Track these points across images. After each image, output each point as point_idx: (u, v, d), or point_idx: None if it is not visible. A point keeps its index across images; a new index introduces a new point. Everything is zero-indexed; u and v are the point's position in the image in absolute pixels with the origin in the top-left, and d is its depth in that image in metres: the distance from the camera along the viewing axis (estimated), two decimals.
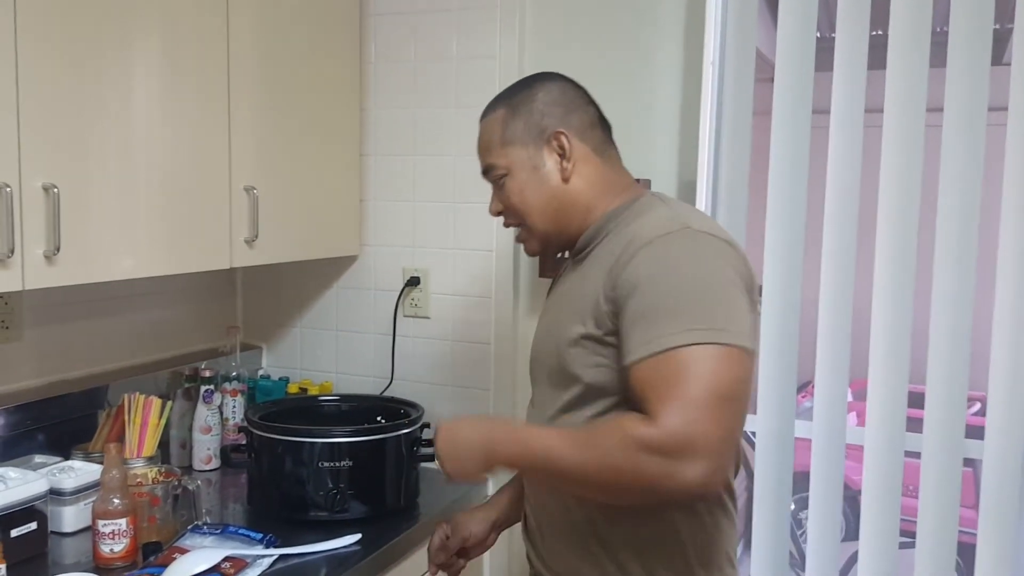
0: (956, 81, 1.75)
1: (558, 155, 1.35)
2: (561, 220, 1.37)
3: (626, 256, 1.22)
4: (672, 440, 1.10)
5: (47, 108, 1.42)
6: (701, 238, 1.23)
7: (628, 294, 1.20)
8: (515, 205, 1.38)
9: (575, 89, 1.40)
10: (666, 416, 1.10)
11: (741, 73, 1.91)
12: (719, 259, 1.22)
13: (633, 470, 1.12)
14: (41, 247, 1.41)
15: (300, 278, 2.34)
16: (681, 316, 1.15)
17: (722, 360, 1.13)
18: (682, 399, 1.11)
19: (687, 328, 1.14)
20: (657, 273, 1.19)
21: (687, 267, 1.20)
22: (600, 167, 1.37)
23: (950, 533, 1.84)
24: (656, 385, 1.14)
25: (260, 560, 1.53)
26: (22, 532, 1.50)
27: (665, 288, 1.18)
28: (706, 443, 1.10)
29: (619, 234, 1.31)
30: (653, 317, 1.17)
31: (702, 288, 1.18)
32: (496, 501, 1.64)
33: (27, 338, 1.86)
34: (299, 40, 1.97)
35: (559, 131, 1.34)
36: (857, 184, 1.86)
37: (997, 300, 1.77)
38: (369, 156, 2.22)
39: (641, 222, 1.28)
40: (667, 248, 1.21)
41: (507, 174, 1.37)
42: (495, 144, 1.38)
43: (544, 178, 1.36)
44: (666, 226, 1.24)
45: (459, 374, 2.18)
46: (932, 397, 1.82)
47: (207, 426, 2.02)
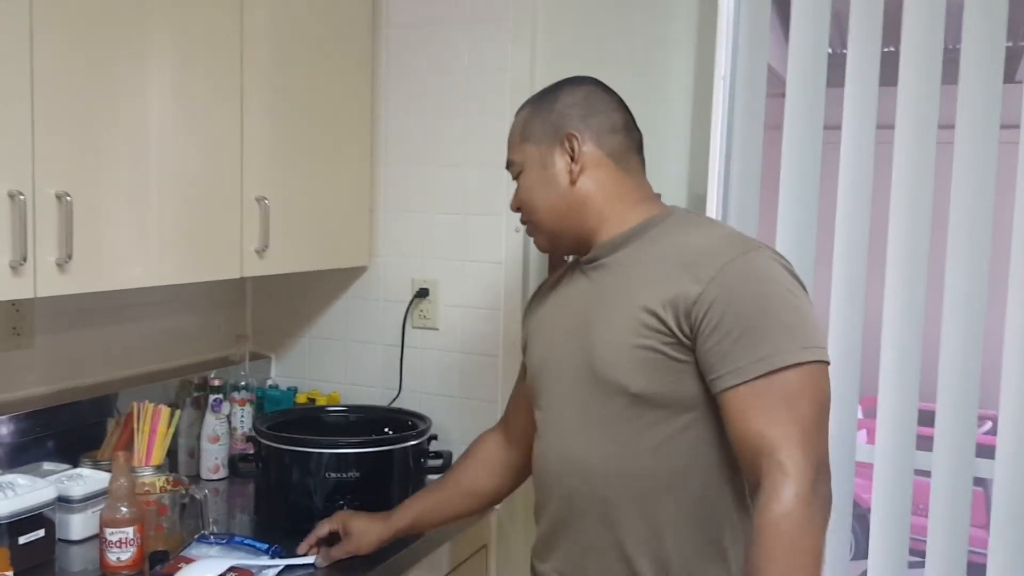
0: (968, 98, 1.74)
1: (569, 156, 1.36)
2: (567, 221, 1.38)
3: (705, 271, 1.22)
4: (811, 476, 1.13)
5: (61, 117, 1.43)
6: (776, 258, 1.25)
7: (722, 311, 1.19)
8: (525, 201, 1.41)
9: (604, 94, 1.40)
10: (795, 458, 1.13)
11: (752, 88, 1.91)
12: (795, 278, 1.25)
13: (817, 528, 1.14)
14: (53, 255, 1.42)
15: (310, 288, 2.34)
16: (793, 333, 1.18)
17: (824, 377, 1.20)
18: (800, 424, 1.15)
19: (802, 346, 1.17)
20: (754, 291, 1.20)
21: (779, 285, 1.21)
22: (615, 173, 1.37)
23: (960, 552, 1.82)
24: (771, 409, 1.15)
25: (265, 571, 1.53)
26: (30, 539, 1.50)
27: (767, 305, 1.19)
28: (823, 455, 1.17)
29: (656, 246, 1.31)
30: (762, 334, 1.17)
31: (797, 305, 1.21)
32: (399, 517, 1.61)
33: (38, 345, 1.87)
34: (312, 51, 1.98)
35: (571, 133, 1.35)
36: (868, 200, 1.85)
37: (1008, 318, 1.76)
38: (380, 167, 2.23)
39: (699, 237, 1.29)
40: (755, 266, 1.22)
41: (522, 170, 1.41)
42: (515, 140, 1.42)
43: (552, 177, 1.37)
44: (744, 244, 1.26)
45: (467, 386, 2.17)
46: (942, 415, 1.81)
47: (215, 435, 2.02)
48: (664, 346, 1.24)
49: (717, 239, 1.28)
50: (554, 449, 1.39)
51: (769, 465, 1.15)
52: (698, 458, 1.27)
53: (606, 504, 1.31)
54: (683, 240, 1.29)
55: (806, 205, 1.89)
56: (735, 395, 1.18)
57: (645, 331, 1.25)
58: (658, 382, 1.25)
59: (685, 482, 1.27)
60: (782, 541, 1.12)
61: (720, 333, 1.19)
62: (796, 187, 1.89)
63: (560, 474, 1.37)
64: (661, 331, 1.24)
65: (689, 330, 1.22)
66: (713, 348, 1.20)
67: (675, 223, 1.34)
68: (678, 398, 1.25)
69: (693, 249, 1.26)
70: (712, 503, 1.28)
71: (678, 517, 1.27)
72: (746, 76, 1.91)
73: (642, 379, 1.25)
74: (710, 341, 1.20)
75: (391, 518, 1.62)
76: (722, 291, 1.20)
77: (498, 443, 1.64)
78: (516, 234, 2.08)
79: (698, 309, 1.20)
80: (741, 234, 1.32)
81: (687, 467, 1.27)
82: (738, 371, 1.17)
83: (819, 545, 1.13)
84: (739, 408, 1.18)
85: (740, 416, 1.18)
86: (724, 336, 1.18)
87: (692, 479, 1.27)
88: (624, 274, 1.32)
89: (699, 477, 1.27)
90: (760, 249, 1.25)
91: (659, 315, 1.23)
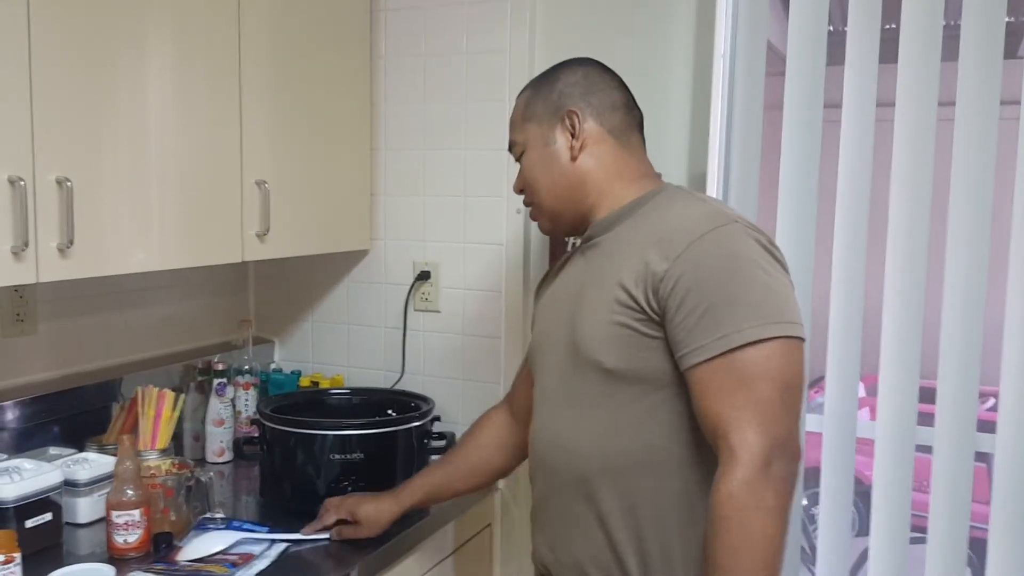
0: (968, 75, 1.74)
1: (569, 133, 1.37)
2: (569, 198, 1.39)
3: (673, 248, 1.22)
4: (761, 458, 1.13)
5: (60, 103, 1.43)
6: (751, 233, 1.24)
7: (687, 288, 1.19)
8: (528, 181, 1.43)
9: (603, 74, 1.42)
10: (745, 440, 1.13)
11: (752, 67, 1.90)
12: (770, 252, 1.24)
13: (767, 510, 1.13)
14: (55, 240, 1.42)
15: (311, 272, 2.35)
16: (758, 310, 1.17)
17: (792, 353, 1.18)
18: (755, 404, 1.14)
19: (767, 322, 1.16)
20: (720, 267, 1.19)
21: (748, 261, 1.20)
22: (616, 150, 1.38)
23: (961, 528, 1.83)
24: (728, 389, 1.15)
25: (267, 552, 1.54)
26: (37, 523, 1.51)
27: (731, 281, 1.18)
28: (783, 434, 1.15)
29: (644, 222, 1.31)
30: (724, 311, 1.17)
31: (766, 281, 1.20)
32: (408, 495, 1.63)
33: (41, 331, 1.88)
34: (310, 35, 1.98)
35: (572, 110, 1.36)
36: (868, 178, 1.85)
37: (1009, 294, 1.76)
38: (380, 151, 2.23)
39: (676, 213, 1.29)
40: (722, 242, 1.21)
41: (524, 150, 1.42)
42: (517, 121, 1.44)
43: (554, 155, 1.38)
44: (714, 220, 1.24)
45: (469, 367, 2.18)
46: (943, 391, 1.81)
47: (220, 419, 2.03)
48: (635, 322, 1.25)
49: (692, 215, 1.27)
50: (543, 425, 1.42)
51: (722, 448, 1.16)
52: (674, 434, 1.27)
53: (585, 480, 1.32)
54: (663, 216, 1.30)
55: (806, 183, 1.89)
56: (697, 373, 1.19)
57: (618, 307, 1.26)
58: (631, 358, 1.26)
59: (662, 458, 1.28)
60: (726, 524, 1.13)
61: (685, 310, 1.19)
62: (796, 165, 1.89)
63: (546, 449, 1.40)
64: (632, 307, 1.25)
65: (657, 306, 1.23)
66: (679, 325, 1.20)
67: (664, 199, 1.34)
68: (651, 375, 1.25)
69: (667, 225, 1.27)
70: (688, 478, 1.27)
71: (656, 492, 1.28)
72: (746, 54, 1.90)
73: (615, 355, 1.27)
74: (676, 318, 1.20)
75: (400, 496, 1.64)
76: (688, 267, 1.20)
77: (503, 420, 1.65)
78: (517, 215, 2.08)
79: (664, 285, 1.21)
80: (720, 210, 1.30)
81: (663, 444, 1.27)
82: (700, 349, 1.18)
83: (769, 527, 1.13)
84: (700, 387, 1.18)
85: (701, 395, 1.19)
86: (688, 314, 1.19)
87: (668, 455, 1.27)
88: (611, 253, 1.33)
89: (675, 453, 1.27)
90: (732, 223, 1.24)
91: (630, 291, 1.25)
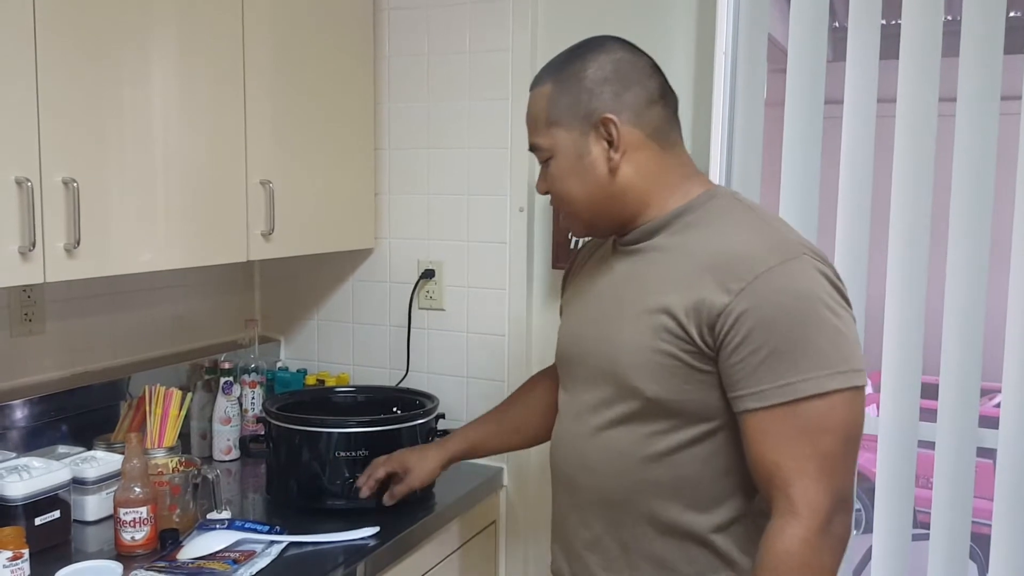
0: (969, 71, 1.74)
1: (605, 142, 1.23)
2: (608, 209, 1.27)
3: (735, 279, 1.13)
4: (823, 515, 1.10)
5: (66, 104, 1.44)
6: (819, 267, 1.15)
7: (750, 327, 1.11)
8: (558, 191, 1.29)
9: (634, 59, 1.26)
10: (807, 496, 1.09)
11: (754, 63, 1.91)
12: (837, 289, 1.16)
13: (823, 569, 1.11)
14: (62, 240, 1.44)
15: (316, 271, 2.36)
16: (825, 357, 1.09)
17: (856, 403, 1.12)
18: (819, 458, 1.10)
19: (834, 371, 1.09)
20: (788, 307, 1.10)
21: (817, 301, 1.11)
22: (657, 154, 1.25)
23: (964, 524, 1.84)
24: (789, 439, 1.10)
25: (268, 550, 1.55)
26: (46, 520, 1.53)
27: (799, 324, 1.10)
28: (844, 489, 1.12)
29: (693, 234, 1.21)
30: (789, 356, 1.09)
31: (835, 324, 1.11)
32: (455, 443, 1.65)
33: (50, 331, 1.90)
34: (314, 34, 1.99)
35: (607, 117, 1.22)
36: (870, 174, 1.85)
37: (1011, 289, 1.76)
38: (383, 150, 2.24)
39: (736, 236, 1.18)
40: (792, 278, 1.12)
41: (552, 156, 1.27)
42: (540, 123, 1.28)
43: (589, 167, 1.25)
44: (782, 251, 1.14)
45: (474, 365, 2.19)
46: (946, 387, 1.82)
47: (227, 417, 2.04)
48: (684, 353, 1.17)
49: (756, 241, 1.16)
50: (568, 440, 1.35)
51: (779, 499, 1.11)
52: (709, 468, 1.21)
53: (610, 504, 1.27)
54: (719, 237, 1.19)
55: (808, 180, 1.89)
56: (755, 419, 1.12)
57: (665, 335, 1.17)
58: (674, 389, 1.18)
59: (693, 490, 1.22)
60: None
61: (746, 350, 1.11)
62: (798, 161, 1.90)
63: (570, 466, 1.34)
64: (682, 338, 1.16)
65: (712, 341, 1.14)
66: (737, 365, 1.12)
67: (715, 210, 1.23)
68: (694, 408, 1.19)
69: (727, 251, 1.16)
70: (717, 513, 1.22)
71: (683, 524, 1.23)
72: (747, 50, 1.91)
73: (657, 385, 1.19)
74: (734, 357, 1.12)
75: (446, 443, 1.65)
76: (752, 304, 1.11)
77: (548, 386, 1.61)
78: (520, 214, 2.09)
79: (724, 321, 1.12)
80: (786, 236, 1.19)
81: (696, 477, 1.21)
82: (760, 394, 1.11)
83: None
84: (757, 434, 1.12)
85: (757, 442, 1.13)
86: (750, 354, 1.11)
87: (699, 489, 1.22)
88: (654, 266, 1.24)
89: (706, 487, 1.21)
90: (801, 257, 1.14)
91: (680, 321, 1.16)
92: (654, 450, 1.23)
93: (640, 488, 1.25)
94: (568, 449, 1.35)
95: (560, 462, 1.37)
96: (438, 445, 1.66)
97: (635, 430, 1.23)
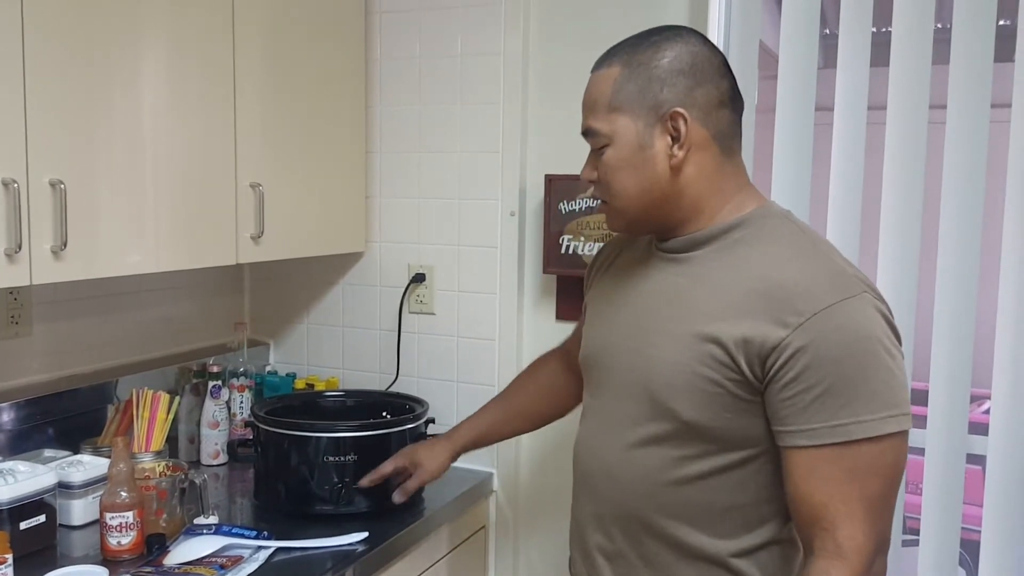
0: (959, 78, 1.75)
1: (670, 137, 1.16)
2: (658, 210, 1.21)
3: (792, 313, 1.09)
4: (867, 559, 1.09)
5: (54, 105, 1.44)
6: (877, 305, 1.12)
7: (806, 364, 1.07)
8: (609, 182, 1.20)
9: (711, 55, 1.19)
10: (856, 539, 1.08)
11: (745, 70, 1.91)
12: (892, 328, 1.13)
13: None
14: (48, 242, 1.43)
15: (306, 275, 2.35)
16: (879, 400, 1.07)
17: (902, 446, 1.11)
18: (867, 501, 1.08)
19: (886, 416, 1.07)
20: (846, 347, 1.07)
21: (875, 342, 1.08)
22: (718, 158, 1.19)
23: (954, 530, 1.84)
24: (837, 481, 1.08)
25: (256, 555, 1.54)
26: (31, 524, 1.52)
27: (856, 365, 1.07)
28: (886, 531, 1.12)
29: (743, 253, 1.17)
30: (842, 397, 1.07)
31: (889, 366, 1.09)
32: (462, 435, 1.63)
33: (36, 333, 1.89)
34: (304, 37, 1.99)
35: (678, 111, 1.15)
36: (860, 181, 1.86)
37: (1000, 297, 1.77)
38: (374, 153, 2.24)
39: (792, 265, 1.13)
40: (851, 317, 1.08)
41: (609, 144, 1.19)
42: (601, 106, 1.19)
43: (649, 161, 1.17)
44: (841, 287, 1.10)
45: (464, 370, 2.19)
46: (935, 394, 1.82)
47: (215, 421, 2.03)
48: (729, 382, 1.13)
49: (813, 273, 1.12)
50: (591, 445, 1.32)
51: (824, 540, 1.09)
52: (740, 495, 1.18)
53: (634, 520, 1.25)
54: (773, 263, 1.14)
55: (799, 186, 1.90)
56: (802, 455, 1.10)
57: (711, 362, 1.13)
58: (714, 416, 1.15)
59: (723, 515, 1.19)
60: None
61: (799, 386, 1.08)
62: (789, 168, 1.90)
63: (595, 476, 1.30)
64: (729, 367, 1.13)
65: (762, 374, 1.11)
66: (788, 400, 1.09)
67: (768, 231, 1.18)
68: (732, 436, 1.16)
69: (783, 281, 1.11)
70: (744, 541, 1.19)
71: (707, 548, 1.20)
72: (739, 58, 1.91)
73: (697, 410, 1.15)
74: (786, 392, 1.09)
75: (452, 435, 1.64)
76: (809, 341, 1.07)
77: (557, 368, 1.59)
78: (511, 218, 2.09)
79: (778, 355, 1.09)
80: (843, 269, 1.14)
81: (726, 502, 1.19)
82: (810, 432, 1.08)
83: None
84: (803, 471, 1.10)
85: (803, 479, 1.10)
86: (803, 391, 1.08)
87: (727, 515, 1.19)
88: (700, 284, 1.19)
89: (735, 514, 1.19)
90: (861, 295, 1.10)
91: (730, 351, 1.12)
92: (684, 474, 1.20)
93: (665, 511, 1.22)
94: (594, 457, 1.31)
95: (585, 467, 1.34)
96: (446, 437, 1.65)
97: (667, 452, 1.20)
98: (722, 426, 1.15)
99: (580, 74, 1.30)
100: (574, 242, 2.01)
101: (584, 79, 1.26)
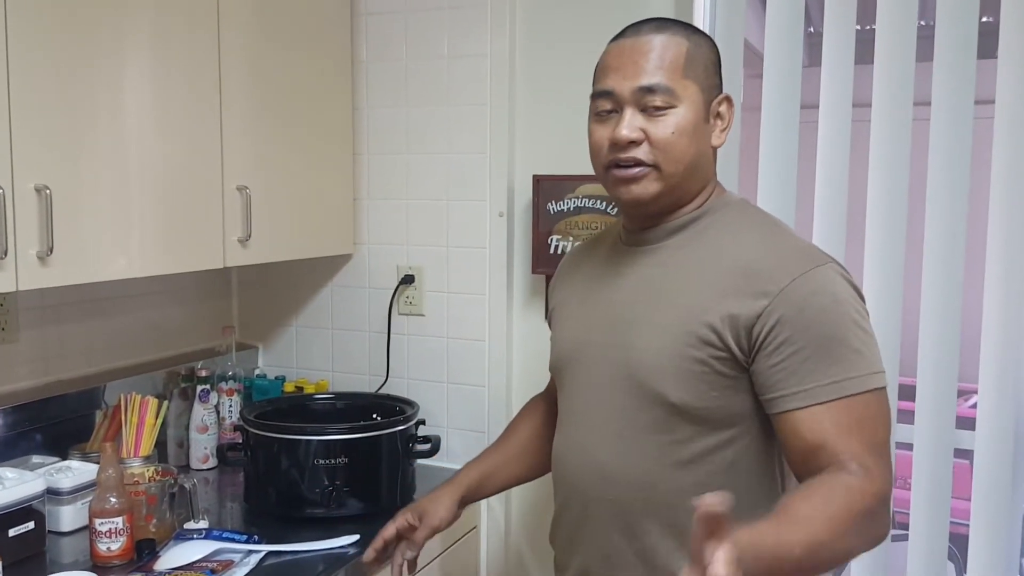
0: (943, 75, 1.76)
1: (716, 117, 1.26)
2: (688, 183, 1.26)
3: (770, 283, 1.16)
4: (887, 489, 1.12)
5: (39, 109, 1.43)
6: (846, 276, 1.20)
7: (790, 329, 1.14)
8: (664, 141, 1.22)
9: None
10: (878, 468, 1.11)
11: (730, 68, 1.91)
12: (860, 297, 1.20)
13: (879, 524, 1.12)
14: (34, 248, 1.42)
15: (295, 278, 2.35)
16: (863, 357, 1.14)
17: (888, 401, 1.17)
18: (881, 445, 1.13)
19: (872, 371, 1.14)
20: (823, 308, 1.14)
21: (848, 305, 1.16)
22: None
23: (942, 524, 1.85)
24: (847, 429, 1.12)
25: (247, 559, 1.54)
26: (20, 531, 1.51)
27: (836, 324, 1.14)
28: (892, 478, 1.16)
29: (714, 238, 1.24)
30: (832, 355, 1.13)
31: (864, 327, 1.17)
32: (463, 478, 1.54)
33: (23, 339, 1.87)
34: (290, 39, 1.98)
35: (729, 96, 1.27)
36: (846, 178, 1.87)
37: (986, 292, 1.78)
38: (362, 155, 2.23)
39: (764, 246, 1.21)
40: (824, 283, 1.16)
41: (676, 106, 1.22)
42: (676, 69, 1.22)
43: (704, 132, 1.25)
44: (811, 257, 1.19)
45: (454, 371, 2.19)
46: (923, 388, 1.83)
47: (204, 425, 2.03)
48: (714, 360, 1.18)
49: (783, 249, 1.21)
50: (574, 447, 1.33)
51: (852, 466, 1.10)
52: (731, 474, 1.22)
53: (627, 512, 1.26)
54: (744, 244, 1.22)
55: (784, 184, 1.91)
56: (804, 415, 1.13)
57: (697, 343, 1.18)
58: (701, 396, 1.19)
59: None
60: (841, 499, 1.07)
61: (786, 350, 1.14)
62: (774, 166, 1.91)
63: (578, 475, 1.32)
64: (715, 346, 1.18)
65: (748, 346, 1.17)
66: (777, 366, 1.15)
67: (732, 218, 1.27)
68: (720, 414, 1.20)
69: (756, 262, 1.19)
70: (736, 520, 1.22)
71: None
72: (723, 56, 1.90)
73: (683, 391, 1.20)
74: (774, 357, 1.15)
75: (455, 480, 1.54)
76: (790, 307, 1.14)
77: (548, 409, 1.57)
78: (500, 219, 2.09)
79: (761, 324, 1.15)
80: (808, 245, 1.24)
81: (718, 484, 1.18)
82: (808, 392, 1.13)
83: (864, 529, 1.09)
84: (812, 425, 1.13)
85: (812, 432, 1.13)
86: (791, 355, 1.14)
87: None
88: (677, 271, 1.25)
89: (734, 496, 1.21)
90: (828, 264, 1.19)
91: (716, 329, 1.17)
92: (678, 458, 1.23)
93: (664, 498, 1.23)
94: (580, 460, 1.32)
95: (570, 474, 1.34)
96: (448, 483, 1.57)
97: (660, 438, 1.23)
98: (708, 405, 1.20)
99: (567, 74, 1.30)
100: (563, 242, 2.01)
101: (570, 79, 1.31)
